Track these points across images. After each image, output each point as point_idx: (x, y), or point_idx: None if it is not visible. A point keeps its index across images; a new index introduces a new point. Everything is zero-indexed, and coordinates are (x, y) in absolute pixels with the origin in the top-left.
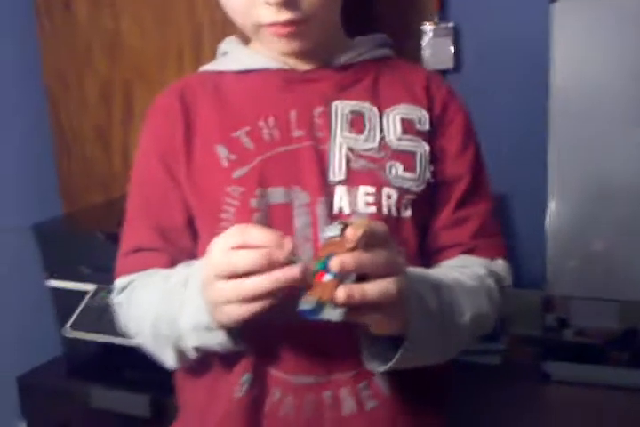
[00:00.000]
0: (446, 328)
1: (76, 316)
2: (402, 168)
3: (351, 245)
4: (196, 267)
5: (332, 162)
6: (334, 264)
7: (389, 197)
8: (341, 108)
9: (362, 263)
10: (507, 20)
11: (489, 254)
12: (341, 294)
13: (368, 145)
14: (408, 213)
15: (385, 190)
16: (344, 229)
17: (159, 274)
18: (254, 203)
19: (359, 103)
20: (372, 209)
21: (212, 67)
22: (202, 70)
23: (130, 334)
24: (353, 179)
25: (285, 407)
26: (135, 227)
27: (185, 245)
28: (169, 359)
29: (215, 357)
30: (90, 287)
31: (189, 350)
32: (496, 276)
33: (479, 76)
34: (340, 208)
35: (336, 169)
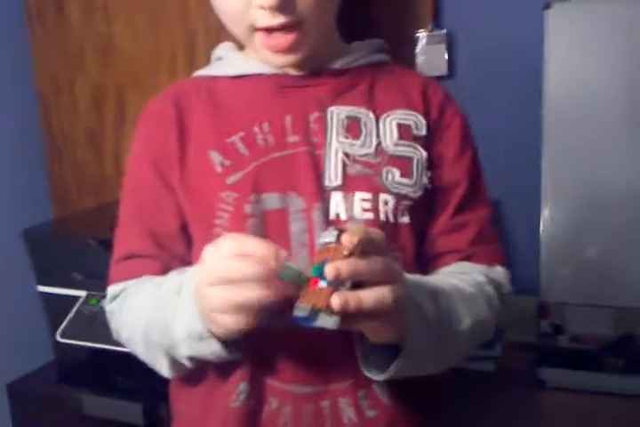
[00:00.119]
0: (444, 336)
1: (67, 322)
2: (398, 174)
3: (347, 253)
4: (190, 274)
5: (328, 167)
6: (329, 271)
7: (386, 202)
8: (337, 113)
9: (357, 271)
10: (501, 27)
11: (488, 261)
12: (336, 301)
13: (364, 150)
14: (405, 220)
15: (381, 196)
16: (340, 236)
17: (152, 281)
18: (248, 209)
19: (355, 108)
20: (369, 215)
21: (206, 72)
22: (196, 75)
23: (122, 341)
24: (349, 184)
25: (284, 417)
26: (128, 233)
27: (178, 251)
28: (163, 368)
29: (211, 365)
30: (81, 293)
31: (183, 359)
32: (495, 283)
33: (473, 83)
34: (337, 214)
35: (332, 174)
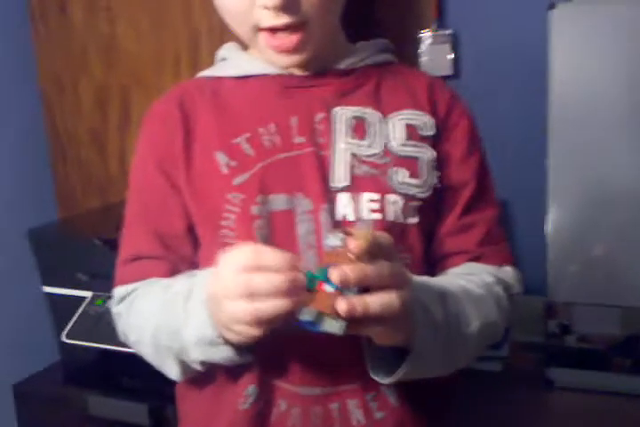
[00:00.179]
0: (452, 339)
1: (72, 323)
2: (406, 174)
3: (353, 257)
4: (200, 279)
5: (335, 168)
6: (336, 276)
7: (394, 203)
8: (343, 113)
9: (364, 276)
10: (505, 27)
11: (496, 262)
12: (343, 306)
13: (371, 151)
14: (413, 220)
15: (389, 197)
16: (347, 239)
17: (160, 283)
18: (255, 210)
19: (361, 109)
20: (377, 216)
21: (210, 72)
22: (200, 76)
23: (130, 344)
24: (356, 185)
25: (292, 419)
26: (134, 234)
27: (185, 252)
28: (172, 371)
29: (219, 368)
30: (87, 294)
31: (194, 364)
32: (504, 283)
33: (478, 83)
34: (344, 215)
35: (339, 175)
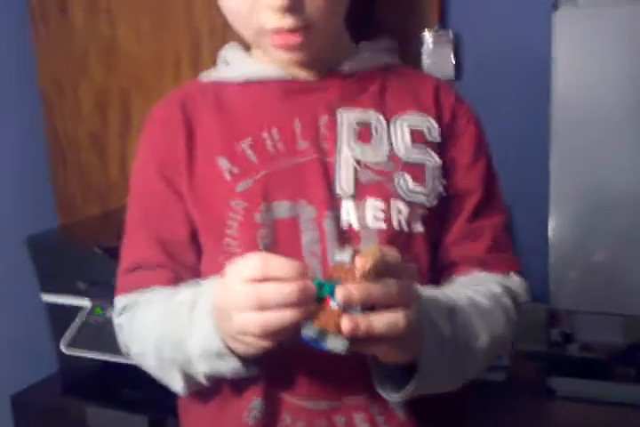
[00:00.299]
0: (461, 354)
1: (71, 332)
2: (412, 181)
3: (359, 276)
4: (205, 288)
5: (339, 175)
6: (341, 294)
7: (400, 211)
8: (347, 117)
9: (370, 295)
10: (508, 29)
11: (503, 270)
12: (346, 325)
13: (376, 157)
14: (419, 228)
15: (395, 204)
16: (354, 256)
17: (162, 293)
18: (259, 218)
19: (365, 112)
20: (382, 224)
21: (212, 75)
22: (201, 78)
23: (132, 356)
24: (361, 192)
25: None
26: (135, 241)
27: (188, 260)
28: (176, 384)
29: (224, 380)
30: (86, 303)
31: (199, 376)
32: (512, 293)
33: (480, 85)
34: (349, 223)
35: (343, 182)
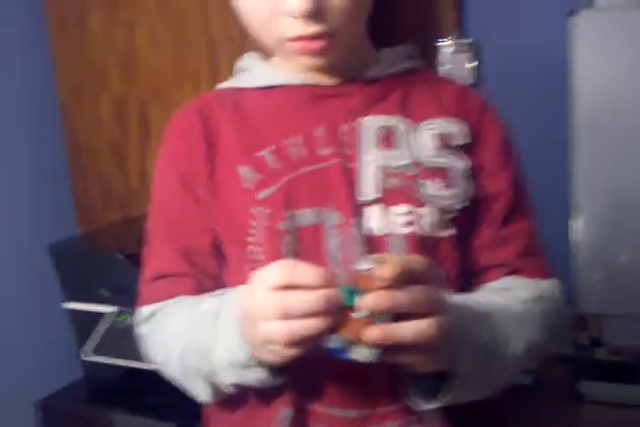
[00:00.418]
0: (494, 362)
1: (95, 339)
2: (437, 185)
3: (383, 284)
4: (230, 297)
5: (362, 181)
6: (364, 303)
7: (425, 216)
8: (370, 123)
9: (395, 304)
10: (525, 35)
11: (535, 275)
12: (373, 334)
13: (400, 162)
14: (447, 233)
15: (420, 209)
16: (379, 264)
17: (186, 302)
18: (282, 226)
19: (389, 118)
20: (408, 230)
21: (230, 83)
22: (219, 87)
23: (157, 365)
24: (385, 198)
25: None
26: (158, 250)
27: (211, 268)
28: (201, 393)
29: (252, 389)
30: (109, 309)
31: (225, 386)
32: (545, 298)
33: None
34: (374, 229)
35: (366, 188)
